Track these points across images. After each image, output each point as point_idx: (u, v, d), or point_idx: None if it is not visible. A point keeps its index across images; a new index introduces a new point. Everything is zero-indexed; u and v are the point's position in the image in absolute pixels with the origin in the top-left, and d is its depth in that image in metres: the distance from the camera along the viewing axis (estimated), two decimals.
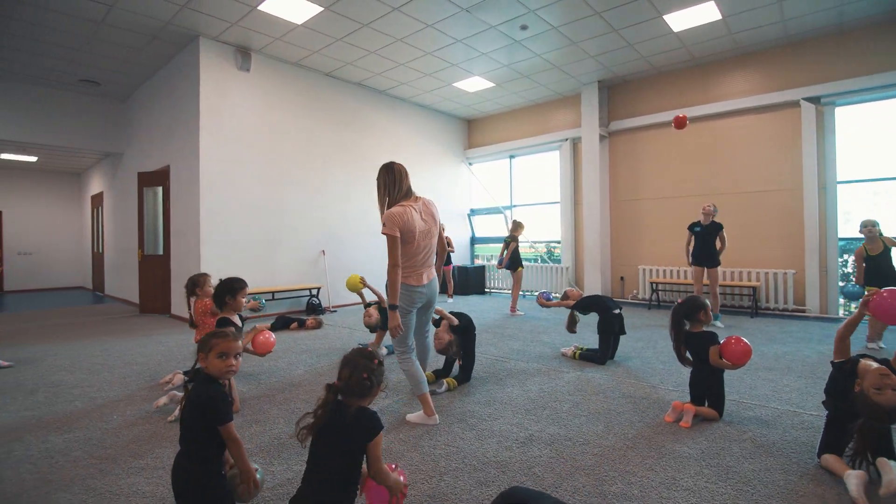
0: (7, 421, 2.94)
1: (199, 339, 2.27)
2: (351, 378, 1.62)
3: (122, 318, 7.05)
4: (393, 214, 2.61)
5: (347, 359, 1.69)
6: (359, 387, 1.63)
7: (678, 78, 7.63)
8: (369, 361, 1.68)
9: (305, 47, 6.59)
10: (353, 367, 1.63)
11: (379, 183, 2.77)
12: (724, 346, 2.78)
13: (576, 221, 8.86)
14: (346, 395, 1.61)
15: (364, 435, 1.55)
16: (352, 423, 1.53)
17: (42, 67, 7.02)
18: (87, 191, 11.67)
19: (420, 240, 2.70)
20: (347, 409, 1.56)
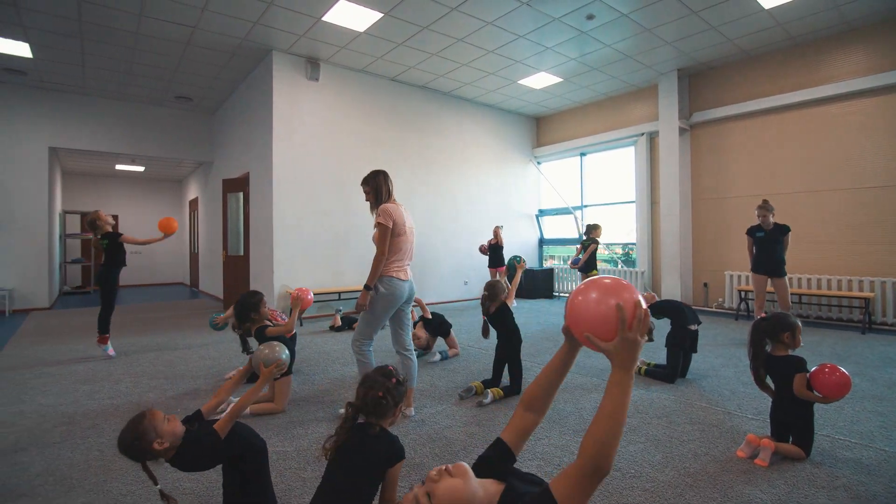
0: (92, 408, 3.26)
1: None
2: (367, 397, 1.58)
3: (207, 313, 7.68)
4: (388, 208, 2.96)
5: (366, 377, 1.66)
6: (375, 406, 1.58)
7: (773, 60, 6.78)
8: (387, 380, 1.62)
9: (369, 54, 6.73)
10: (370, 386, 1.59)
11: (373, 186, 3.10)
12: (815, 376, 2.36)
13: (653, 222, 8.23)
14: (365, 414, 1.57)
15: (383, 461, 1.51)
16: (371, 447, 1.48)
17: (144, 87, 7.85)
18: (185, 196, 12.93)
19: (408, 234, 3.06)
20: (369, 431, 1.50)
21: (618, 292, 0.93)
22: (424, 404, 3.25)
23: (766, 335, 2.54)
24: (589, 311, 0.94)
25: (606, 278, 0.99)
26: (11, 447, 2.63)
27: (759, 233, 5.33)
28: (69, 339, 5.61)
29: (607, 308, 0.92)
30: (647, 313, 0.93)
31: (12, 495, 2.13)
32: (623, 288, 0.94)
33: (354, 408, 1.57)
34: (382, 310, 2.94)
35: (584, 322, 0.96)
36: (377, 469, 1.50)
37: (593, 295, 0.96)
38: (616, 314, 0.91)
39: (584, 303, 0.96)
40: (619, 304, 0.91)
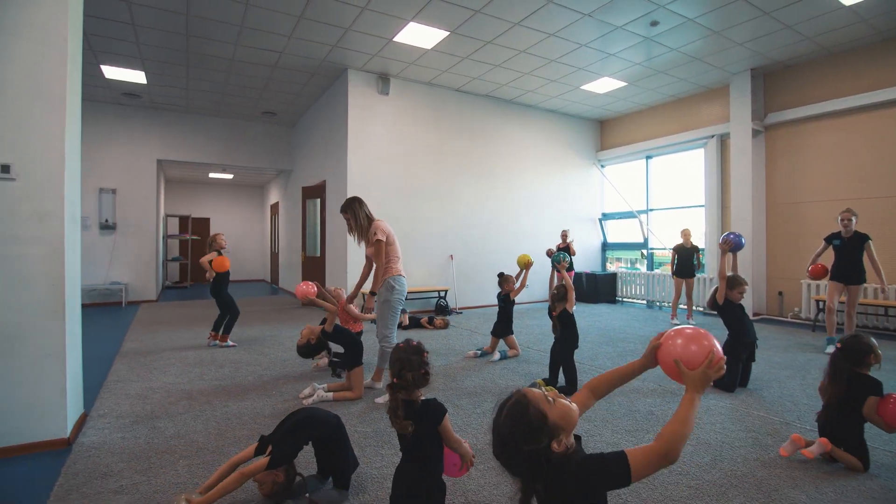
0: (203, 387, 3.87)
1: None
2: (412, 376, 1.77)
3: (288, 308, 8.45)
4: (381, 225, 3.56)
5: (403, 359, 1.80)
6: (422, 381, 1.80)
7: (858, 57, 6.39)
8: (422, 356, 1.83)
9: (435, 68, 7.13)
10: (414, 366, 1.79)
11: (352, 213, 3.61)
12: (884, 404, 2.38)
13: (723, 227, 7.97)
14: (410, 390, 1.79)
15: (434, 421, 1.78)
16: (422, 415, 1.78)
17: (236, 105, 8.78)
18: (267, 201, 14.11)
19: (396, 240, 3.67)
20: (415, 404, 1.80)
21: (710, 342, 1.25)
22: (491, 400, 3.54)
23: (852, 365, 2.50)
24: (686, 348, 1.26)
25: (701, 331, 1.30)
26: (149, 415, 3.24)
27: (836, 241, 5.11)
28: (177, 328, 6.49)
29: (700, 349, 1.23)
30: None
31: (156, 451, 2.68)
32: (713, 342, 1.26)
33: (400, 387, 1.78)
34: (398, 303, 3.65)
35: (677, 353, 1.27)
36: (433, 429, 1.78)
37: (692, 338, 1.27)
38: (706, 355, 1.21)
39: (683, 343, 1.27)
40: (712, 350, 1.22)
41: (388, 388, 1.83)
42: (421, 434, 1.76)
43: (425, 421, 1.77)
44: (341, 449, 2.22)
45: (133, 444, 2.76)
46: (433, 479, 1.78)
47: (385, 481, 2.33)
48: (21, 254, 2.66)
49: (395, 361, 1.82)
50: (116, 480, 2.34)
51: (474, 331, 6.37)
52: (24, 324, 2.66)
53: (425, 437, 1.77)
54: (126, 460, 2.56)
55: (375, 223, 3.59)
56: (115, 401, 3.52)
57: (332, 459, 2.20)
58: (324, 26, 5.73)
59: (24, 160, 2.68)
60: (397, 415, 1.75)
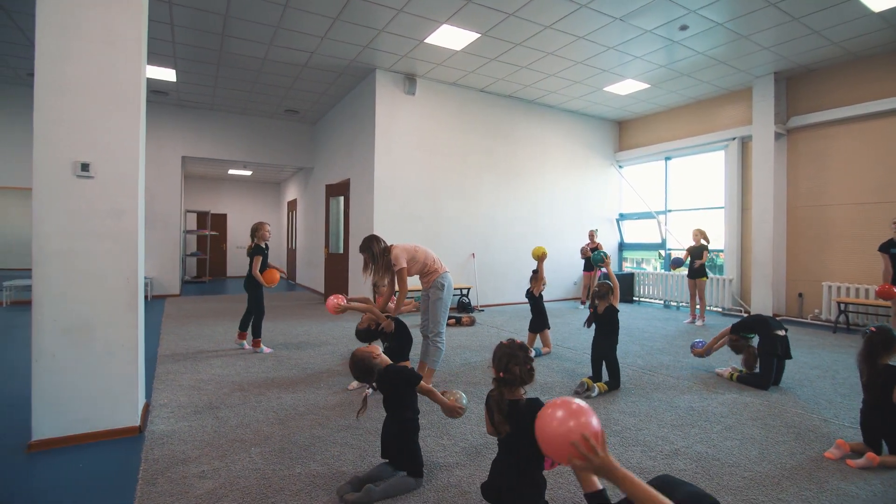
0: (252, 379, 4.00)
1: None
2: (521, 371, 1.85)
3: (311, 304, 8.59)
4: (397, 255, 3.64)
5: (509, 353, 1.87)
6: (529, 377, 1.87)
7: (881, 62, 6.45)
8: (527, 353, 1.90)
9: (462, 69, 7.23)
10: (521, 361, 1.86)
11: (372, 254, 3.68)
12: None
13: (743, 229, 8.05)
14: (516, 385, 1.86)
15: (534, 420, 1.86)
16: (527, 413, 1.84)
17: (261, 103, 8.90)
18: (284, 198, 14.25)
19: (418, 249, 3.80)
20: (520, 403, 1.88)
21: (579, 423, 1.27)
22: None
23: (882, 348, 2.61)
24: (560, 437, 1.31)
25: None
26: (208, 405, 3.37)
27: (893, 249, 5.20)
28: (207, 322, 6.63)
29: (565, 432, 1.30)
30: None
31: (226, 439, 2.80)
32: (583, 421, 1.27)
33: (507, 382, 1.85)
34: (449, 299, 3.87)
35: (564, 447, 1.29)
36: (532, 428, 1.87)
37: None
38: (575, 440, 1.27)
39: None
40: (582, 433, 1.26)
41: (494, 382, 1.90)
42: (524, 432, 1.85)
43: (529, 420, 1.85)
44: (413, 436, 2.33)
45: (202, 433, 2.89)
46: (535, 475, 1.87)
47: (452, 470, 2.44)
48: (98, 249, 2.79)
49: (501, 357, 1.89)
50: (196, 466, 2.47)
51: (500, 328, 6.49)
52: (99, 316, 2.79)
53: (528, 436, 1.86)
54: (200, 447, 2.69)
55: (393, 253, 3.67)
56: (171, 391, 3.66)
57: (408, 445, 2.30)
58: (357, 27, 5.84)
59: (102, 159, 2.80)
60: (500, 410, 1.84)
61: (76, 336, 2.72)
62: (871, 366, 2.57)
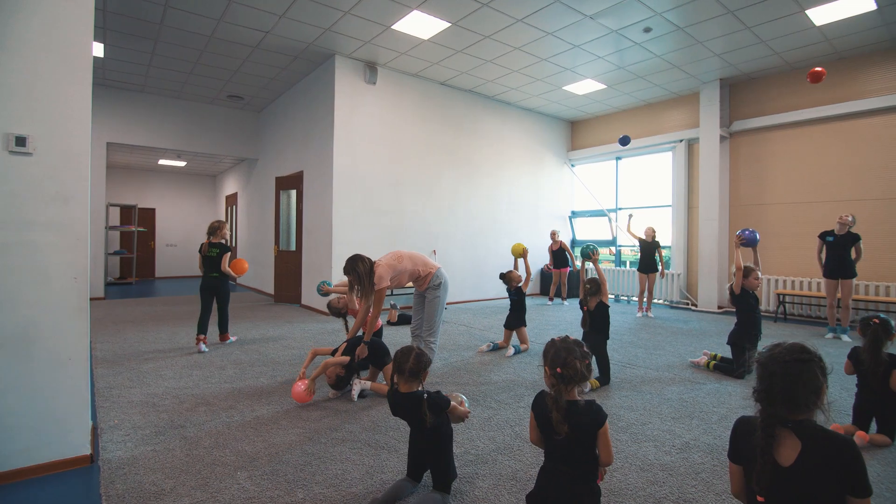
0: (216, 391, 3.55)
1: None
2: (577, 367, 1.67)
3: (261, 306, 7.98)
4: (380, 273, 3.36)
5: (566, 348, 1.70)
6: (589, 373, 1.70)
7: None
8: (583, 348, 1.73)
9: (426, 59, 7.00)
10: (578, 356, 1.68)
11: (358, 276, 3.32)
12: None
13: (689, 226, 8.50)
14: (572, 384, 1.68)
15: (597, 423, 1.68)
16: (583, 416, 1.69)
17: (201, 87, 8.13)
18: (222, 191, 13.23)
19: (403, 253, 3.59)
20: (578, 404, 1.72)
21: None
22: (528, 394, 3.53)
23: (885, 336, 2.71)
24: None
25: None
26: (170, 424, 2.92)
27: (830, 237, 5.62)
28: (146, 328, 5.91)
29: None
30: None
31: (203, 464, 2.42)
32: None
33: (567, 379, 1.66)
34: (445, 297, 3.67)
35: None
36: (594, 432, 1.69)
37: None
38: None
39: None
40: None
41: (552, 378, 1.72)
42: (578, 437, 1.69)
43: (587, 423, 1.69)
44: (448, 444, 2.12)
45: (171, 458, 2.47)
46: (593, 484, 1.72)
47: (473, 482, 2.25)
48: (39, 241, 2.30)
49: (558, 352, 1.71)
50: (174, 499, 2.09)
51: (469, 325, 6.35)
52: (42, 323, 2.30)
53: (584, 441, 1.70)
54: (173, 476, 2.29)
55: (377, 272, 3.37)
56: (121, 410, 3.15)
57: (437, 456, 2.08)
58: (321, 7, 5.44)
59: (44, 133, 2.31)
60: (559, 410, 1.67)
61: (13, 348, 2.22)
62: (874, 355, 2.68)
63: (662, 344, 5.29)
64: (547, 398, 1.73)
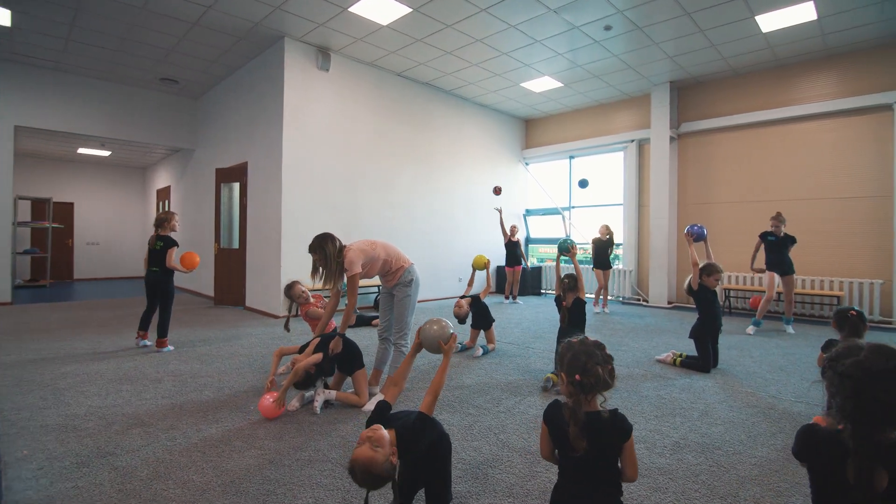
0: (151, 409, 3.07)
1: None
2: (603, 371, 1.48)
3: (199, 308, 7.30)
4: (350, 257, 3.02)
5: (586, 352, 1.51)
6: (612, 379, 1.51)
7: (756, 79, 7.41)
8: (604, 351, 1.54)
9: (383, 48, 6.67)
10: (600, 360, 1.49)
11: (325, 255, 3.04)
12: None
13: (640, 224, 8.72)
14: (593, 391, 1.49)
15: (620, 436, 1.51)
16: (606, 429, 1.51)
17: (129, 67, 7.32)
18: (152, 185, 12.12)
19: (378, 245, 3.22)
20: (601, 416, 1.53)
21: None
22: (505, 397, 3.33)
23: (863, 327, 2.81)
24: None
25: None
26: (97, 452, 2.45)
27: (771, 237, 5.85)
28: (62, 337, 5.18)
29: None
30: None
31: (139, 500, 2.01)
32: None
33: (589, 387, 1.48)
34: (416, 295, 3.35)
35: None
36: (619, 446, 1.51)
37: None
38: None
39: None
40: None
41: (570, 387, 1.51)
42: (600, 452, 1.49)
43: (611, 437, 1.49)
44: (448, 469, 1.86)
45: (99, 495, 2.04)
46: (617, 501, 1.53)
47: (466, 501, 2.01)
48: None
49: (576, 356, 1.50)
50: None
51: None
52: None
53: (607, 456, 1.50)
54: None
55: (348, 256, 3.04)
56: (31, 437, 2.62)
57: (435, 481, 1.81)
58: None
59: None
60: (578, 422, 1.46)
61: None
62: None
63: (625, 340, 5.30)
64: (564, 409, 1.52)
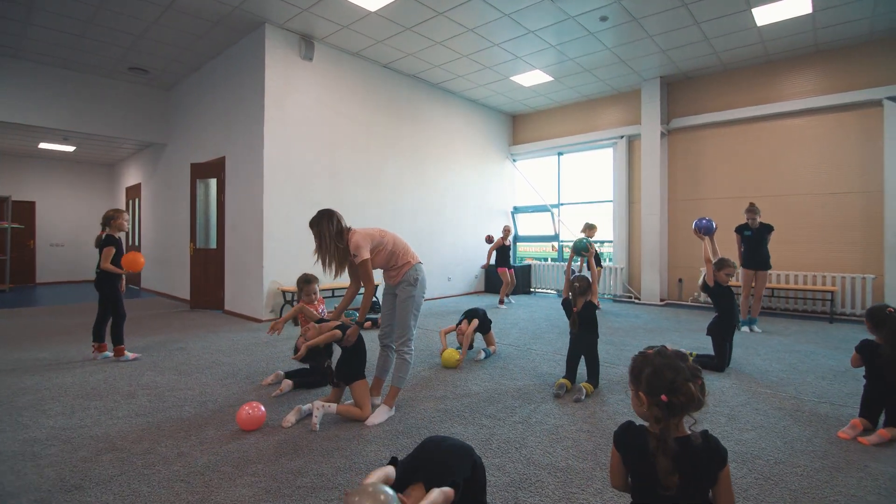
0: (123, 429, 2.72)
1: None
2: (695, 387, 1.25)
3: (174, 313, 6.84)
4: (357, 241, 2.81)
5: (670, 366, 1.27)
6: (703, 394, 1.27)
7: (745, 75, 7.38)
8: (687, 361, 1.31)
9: (370, 36, 6.35)
10: (689, 375, 1.25)
11: (320, 232, 2.82)
12: None
13: (631, 221, 8.62)
14: (682, 412, 1.25)
15: (716, 464, 1.27)
16: (702, 453, 1.26)
17: (95, 54, 6.80)
18: (120, 182, 11.46)
19: (388, 236, 2.98)
20: (693, 442, 1.29)
21: None
22: (517, 405, 3.09)
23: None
24: None
25: None
26: (60, 485, 2.11)
27: (747, 232, 5.76)
28: (25, 348, 4.71)
29: None
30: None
31: None
32: None
33: (679, 408, 1.24)
34: (421, 298, 3.00)
35: None
36: (714, 475, 1.26)
37: None
38: None
39: None
40: None
41: (654, 410, 1.26)
42: (695, 485, 1.25)
43: (706, 465, 1.25)
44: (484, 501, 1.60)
45: None
46: None
47: None
48: None
49: (656, 373, 1.26)
50: None
51: (424, 327, 5.82)
52: None
53: (700, 488, 1.27)
54: None
55: (353, 240, 2.83)
56: None
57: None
58: None
59: None
60: (668, 454, 1.22)
61: None
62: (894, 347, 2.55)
63: (626, 340, 5.13)
64: (650, 439, 1.27)
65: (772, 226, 5.77)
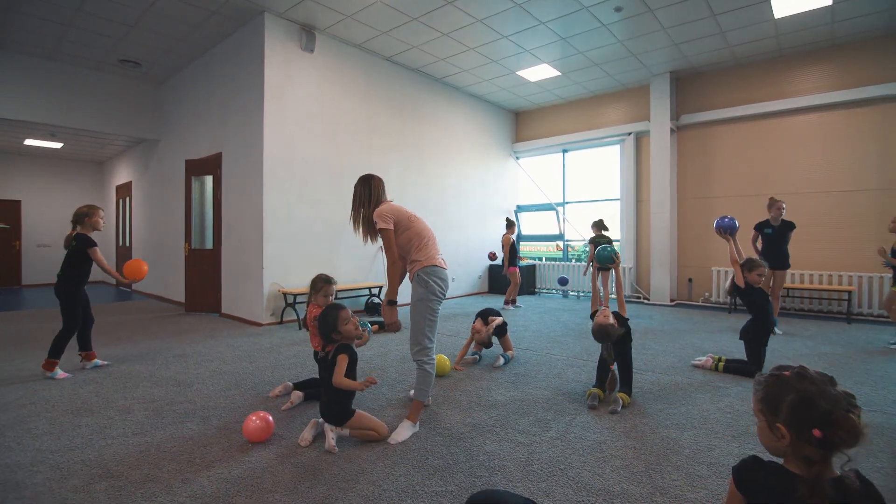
0: (119, 450, 2.45)
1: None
2: (854, 422, 1.02)
3: (169, 317, 6.53)
4: (382, 211, 2.68)
5: (820, 392, 1.06)
6: (862, 426, 1.04)
7: (757, 70, 7.21)
8: (835, 386, 1.08)
9: (375, 27, 6.09)
10: (843, 404, 1.02)
11: (356, 195, 2.82)
12: None
13: (639, 220, 8.43)
14: (833, 449, 1.03)
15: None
16: (861, 500, 1.03)
17: (84, 45, 6.47)
18: (110, 181, 11.08)
19: (418, 221, 2.80)
20: (850, 485, 1.04)
21: None
22: (551, 417, 2.86)
23: None
24: None
25: None
26: None
27: (768, 229, 5.57)
28: (8, 357, 4.40)
29: None
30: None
31: None
32: None
33: (827, 445, 1.02)
34: (437, 302, 2.71)
35: None
36: None
37: None
38: None
39: None
40: None
41: (804, 447, 1.03)
42: None
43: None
44: None
45: None
46: None
47: None
48: None
49: (805, 402, 1.04)
50: None
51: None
52: None
53: None
54: None
55: (377, 211, 2.72)
56: None
57: None
58: None
59: None
60: (823, 497, 0.99)
61: None
62: None
63: (647, 343, 4.92)
64: (798, 483, 1.04)
65: (793, 223, 5.55)
